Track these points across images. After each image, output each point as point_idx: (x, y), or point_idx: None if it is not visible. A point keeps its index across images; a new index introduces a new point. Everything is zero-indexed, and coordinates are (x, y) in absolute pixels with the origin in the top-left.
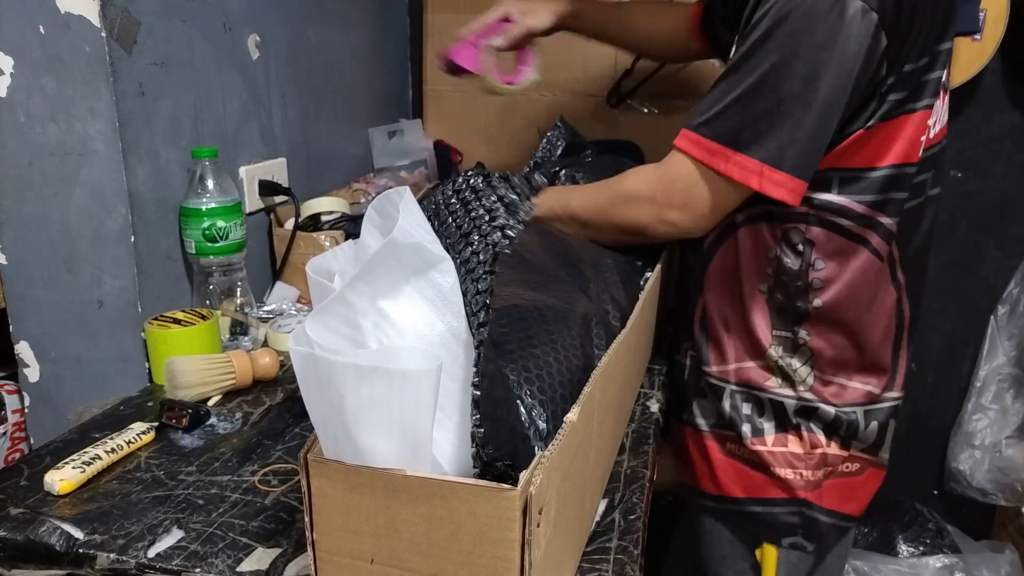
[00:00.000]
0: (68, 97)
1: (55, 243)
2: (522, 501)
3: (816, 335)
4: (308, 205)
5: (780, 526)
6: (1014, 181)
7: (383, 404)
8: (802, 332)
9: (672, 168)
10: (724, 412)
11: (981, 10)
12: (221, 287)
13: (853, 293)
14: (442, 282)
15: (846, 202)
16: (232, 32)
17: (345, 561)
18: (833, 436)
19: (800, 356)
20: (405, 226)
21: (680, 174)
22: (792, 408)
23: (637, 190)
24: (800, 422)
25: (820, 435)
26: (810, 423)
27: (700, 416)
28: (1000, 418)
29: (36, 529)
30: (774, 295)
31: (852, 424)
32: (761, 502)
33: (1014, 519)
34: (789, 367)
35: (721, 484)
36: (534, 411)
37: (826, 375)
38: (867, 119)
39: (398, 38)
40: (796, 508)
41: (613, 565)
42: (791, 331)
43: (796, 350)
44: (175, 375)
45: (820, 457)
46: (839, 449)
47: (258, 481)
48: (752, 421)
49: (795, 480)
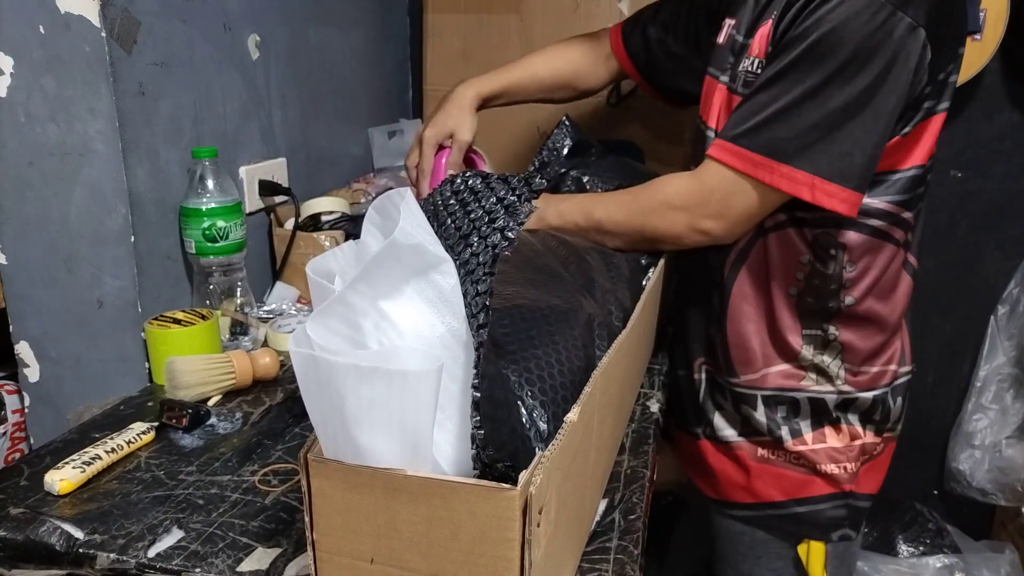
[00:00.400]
0: (68, 97)
1: (55, 243)
2: (522, 501)
3: (845, 330)
4: (308, 205)
5: (827, 522)
6: (1014, 181)
7: (383, 405)
8: (832, 329)
9: (709, 178)
10: (755, 419)
11: (981, 10)
12: (221, 287)
13: (879, 285)
14: (443, 283)
15: (877, 203)
16: (232, 32)
17: (345, 561)
18: (868, 424)
19: (831, 352)
20: (406, 227)
21: (718, 184)
22: (833, 403)
23: (671, 199)
24: (840, 415)
25: (857, 426)
26: (848, 414)
27: (725, 428)
28: (1000, 418)
29: (36, 529)
30: (804, 298)
31: (885, 405)
32: (804, 502)
33: (1014, 519)
34: (823, 363)
35: (757, 491)
36: (535, 412)
37: (856, 366)
38: (904, 126)
39: (398, 38)
40: (843, 501)
41: (613, 565)
42: (821, 329)
43: (827, 346)
44: (175, 375)
45: (859, 448)
46: (874, 436)
47: (258, 481)
48: (789, 423)
49: (840, 474)
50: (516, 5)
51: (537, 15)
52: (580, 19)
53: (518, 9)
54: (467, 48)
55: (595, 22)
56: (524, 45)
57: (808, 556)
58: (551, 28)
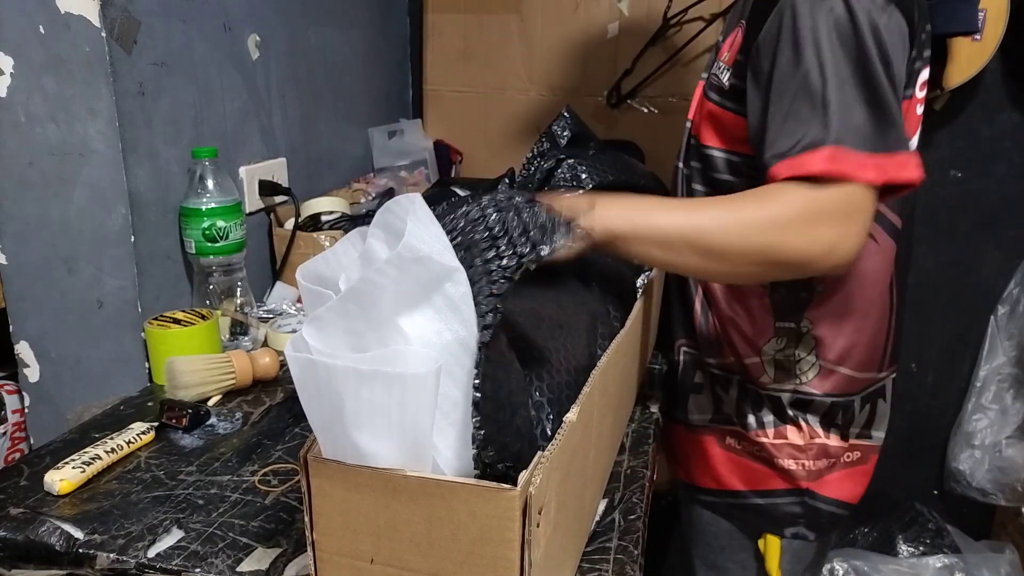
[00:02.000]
0: (68, 97)
1: (55, 243)
2: (522, 501)
3: (818, 323)
4: (308, 205)
5: (782, 517)
6: (1014, 181)
7: (383, 407)
8: (805, 321)
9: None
10: (726, 405)
11: (981, 10)
12: (221, 287)
13: (854, 272)
14: (453, 292)
15: None
16: (232, 32)
17: (345, 561)
18: (831, 427)
19: (804, 346)
20: (412, 241)
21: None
22: (788, 401)
23: (807, 211)
24: (797, 414)
25: (817, 427)
26: (807, 415)
27: (696, 412)
28: (1000, 418)
29: (36, 529)
30: (777, 289)
31: (848, 410)
32: (763, 494)
33: (1014, 519)
34: (789, 359)
35: (720, 478)
36: (542, 411)
37: (830, 364)
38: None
39: (398, 38)
40: (798, 498)
41: (613, 565)
42: (794, 321)
43: (800, 340)
44: (175, 375)
45: (820, 448)
46: (839, 440)
47: (258, 481)
48: (755, 413)
49: (797, 470)
50: (516, 5)
51: (537, 15)
52: (580, 19)
53: (518, 9)
54: (467, 48)
55: (595, 22)
56: (524, 45)
57: (766, 550)
58: (551, 28)
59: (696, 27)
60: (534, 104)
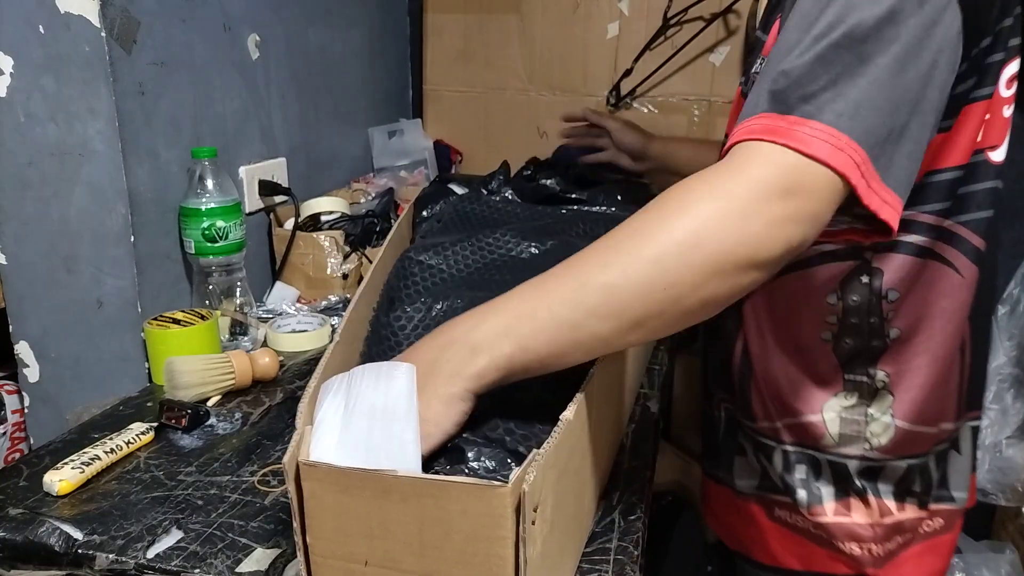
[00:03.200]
0: (68, 97)
1: (55, 243)
2: (515, 498)
3: (897, 374)
4: (308, 205)
5: None
6: (1014, 181)
7: None
8: (880, 373)
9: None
10: (773, 473)
11: None
12: (221, 287)
13: (930, 311)
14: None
15: (911, 215)
16: (232, 32)
17: (339, 564)
18: (908, 497)
19: (879, 404)
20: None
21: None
22: (855, 469)
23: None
24: (866, 485)
25: (890, 499)
26: (877, 484)
27: (740, 477)
28: (1000, 418)
29: (35, 529)
30: (842, 341)
31: (925, 472)
32: None
33: (1014, 519)
34: (861, 419)
35: (775, 554)
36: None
37: (908, 423)
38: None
39: (398, 38)
40: None
41: (613, 565)
42: (866, 373)
43: (874, 396)
44: (175, 375)
45: (893, 525)
46: (919, 510)
47: (257, 481)
48: (808, 486)
49: (863, 556)
50: (516, 5)
51: (537, 15)
52: (580, 19)
53: (518, 9)
54: (467, 48)
55: (595, 22)
56: (524, 45)
57: None
58: (551, 28)
59: (696, 27)
60: (534, 104)
